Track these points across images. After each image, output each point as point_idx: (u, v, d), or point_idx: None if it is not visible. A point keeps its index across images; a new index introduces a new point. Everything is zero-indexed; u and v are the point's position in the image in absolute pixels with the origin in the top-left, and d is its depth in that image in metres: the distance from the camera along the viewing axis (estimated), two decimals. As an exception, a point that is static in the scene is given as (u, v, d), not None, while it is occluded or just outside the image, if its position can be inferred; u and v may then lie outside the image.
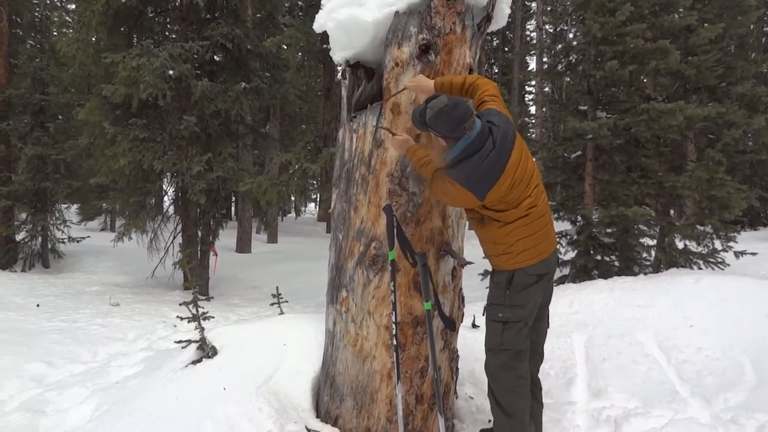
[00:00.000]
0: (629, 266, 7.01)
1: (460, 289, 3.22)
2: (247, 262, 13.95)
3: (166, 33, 10.83)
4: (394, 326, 2.77)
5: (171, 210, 10.77)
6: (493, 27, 3.12)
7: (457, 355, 3.33)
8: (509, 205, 2.61)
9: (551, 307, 3.11)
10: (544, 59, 21.67)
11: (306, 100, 17.97)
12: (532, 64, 28.62)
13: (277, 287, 5.19)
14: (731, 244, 7.15)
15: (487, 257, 2.81)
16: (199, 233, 9.84)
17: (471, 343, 4.11)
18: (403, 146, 2.77)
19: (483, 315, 2.81)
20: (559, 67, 8.32)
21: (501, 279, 2.73)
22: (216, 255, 10.22)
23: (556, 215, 7.51)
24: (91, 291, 9.07)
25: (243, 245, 16.44)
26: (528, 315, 2.75)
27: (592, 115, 7.13)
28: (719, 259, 6.87)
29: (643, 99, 6.80)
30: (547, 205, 2.79)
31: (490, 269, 2.87)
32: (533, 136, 19.59)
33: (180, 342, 4.07)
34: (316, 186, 8.67)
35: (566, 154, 7.62)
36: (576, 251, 7.32)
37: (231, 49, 9.51)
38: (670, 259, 6.76)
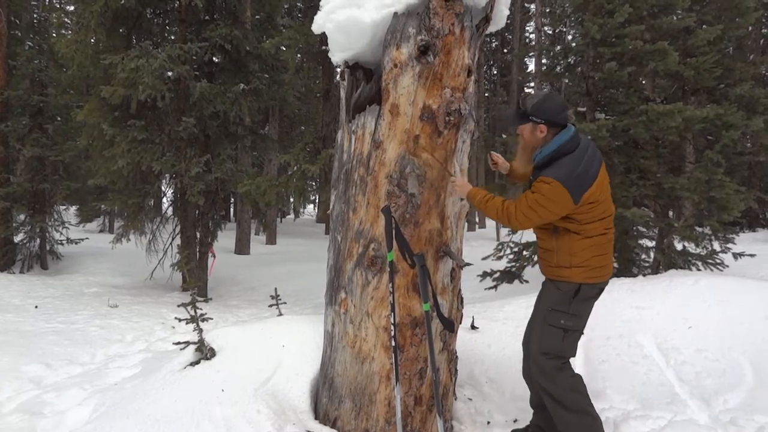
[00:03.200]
0: (628, 267, 7.01)
1: (459, 290, 3.22)
2: (246, 263, 13.94)
3: (165, 34, 10.83)
4: (392, 327, 2.76)
5: (170, 211, 10.77)
6: (492, 28, 3.12)
7: (456, 357, 3.32)
8: (595, 217, 2.73)
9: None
10: (543, 60, 21.67)
11: (305, 101, 18.01)
12: (531, 66, 28.66)
13: (275, 289, 5.19)
14: (730, 245, 7.16)
15: (551, 267, 2.85)
16: (198, 234, 9.83)
17: (470, 344, 4.11)
18: (465, 189, 2.89)
19: (545, 320, 2.83)
20: (558, 68, 8.31)
21: (569, 288, 2.79)
22: (214, 257, 10.21)
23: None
24: (90, 292, 9.05)
25: (242, 246, 16.44)
26: (584, 325, 2.85)
27: (591, 117, 7.12)
28: (718, 261, 6.87)
29: (642, 100, 6.80)
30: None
31: (545, 279, 2.94)
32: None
33: (178, 343, 4.07)
34: (315, 187, 8.68)
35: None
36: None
37: (230, 51, 9.51)
38: (668, 261, 6.75)
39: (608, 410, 3.39)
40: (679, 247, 7.14)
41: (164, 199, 11.16)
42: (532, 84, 27.08)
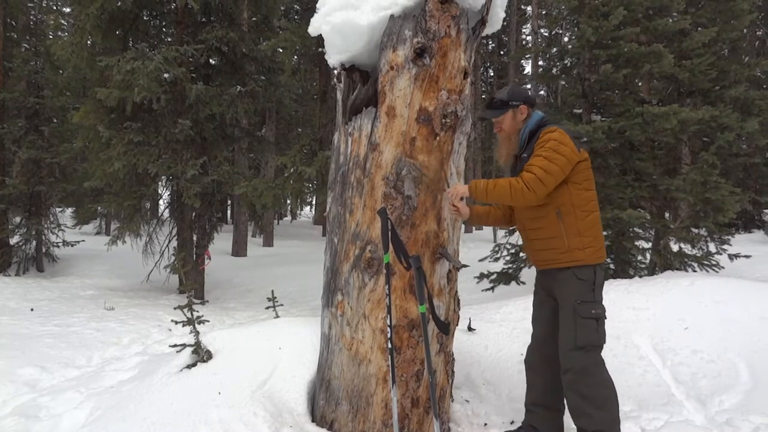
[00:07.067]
0: (624, 269, 7.02)
1: (456, 292, 3.22)
2: (243, 265, 13.91)
3: (162, 36, 10.82)
4: (389, 329, 2.76)
5: (166, 213, 10.75)
6: (488, 30, 3.14)
7: (453, 359, 3.32)
8: (591, 184, 2.88)
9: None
10: (540, 63, 21.76)
11: (302, 103, 17.97)
12: (528, 68, 28.73)
13: (272, 291, 5.19)
14: (725, 246, 7.18)
15: (562, 253, 2.84)
16: (195, 237, 9.81)
17: (467, 346, 4.11)
18: (461, 190, 2.90)
19: (576, 314, 2.80)
20: (554, 70, 8.34)
21: (589, 276, 2.83)
22: (209, 258, 10.18)
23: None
24: (86, 295, 9.03)
25: (239, 249, 16.41)
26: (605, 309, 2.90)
27: (587, 119, 7.15)
28: (714, 262, 6.89)
29: (638, 102, 6.83)
30: None
31: (557, 269, 2.90)
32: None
33: (175, 346, 4.05)
34: (311, 189, 8.68)
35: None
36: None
37: (226, 53, 9.49)
38: (665, 262, 6.77)
39: (605, 411, 3.39)
40: (675, 248, 7.16)
41: (161, 202, 11.15)
42: (529, 86, 27.11)
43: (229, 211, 24.86)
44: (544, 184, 2.72)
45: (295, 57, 13.14)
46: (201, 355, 3.79)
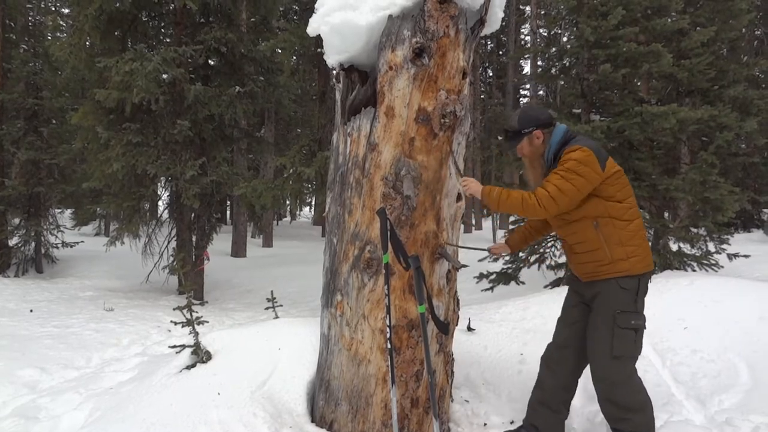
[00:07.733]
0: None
1: (456, 292, 3.22)
2: (243, 266, 13.91)
3: (160, 37, 10.81)
4: (388, 330, 2.76)
5: (165, 214, 10.75)
6: (487, 30, 3.14)
7: (453, 359, 3.33)
8: (626, 194, 2.80)
9: (547, 311, 3.15)
10: (539, 62, 21.78)
11: (301, 104, 17.96)
12: (527, 68, 28.77)
13: (272, 291, 5.19)
14: (724, 246, 7.18)
15: (605, 265, 2.78)
16: (194, 237, 9.81)
17: (466, 346, 4.11)
18: (477, 188, 2.91)
19: (615, 323, 2.74)
20: (553, 70, 8.34)
21: (632, 286, 2.77)
22: (208, 259, 10.17)
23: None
24: (85, 296, 9.02)
25: (238, 249, 16.41)
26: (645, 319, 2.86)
27: (586, 118, 7.15)
28: (713, 261, 6.90)
29: (636, 102, 6.83)
30: None
31: (600, 279, 2.82)
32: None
33: (174, 347, 4.05)
34: (311, 189, 8.67)
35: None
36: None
37: (225, 53, 9.49)
38: (664, 261, 6.77)
39: (604, 411, 3.39)
40: (674, 247, 7.16)
41: (160, 202, 11.14)
42: (528, 86, 27.14)
43: (228, 212, 24.85)
44: (557, 202, 2.68)
45: (294, 57, 13.11)
46: (200, 355, 3.79)
